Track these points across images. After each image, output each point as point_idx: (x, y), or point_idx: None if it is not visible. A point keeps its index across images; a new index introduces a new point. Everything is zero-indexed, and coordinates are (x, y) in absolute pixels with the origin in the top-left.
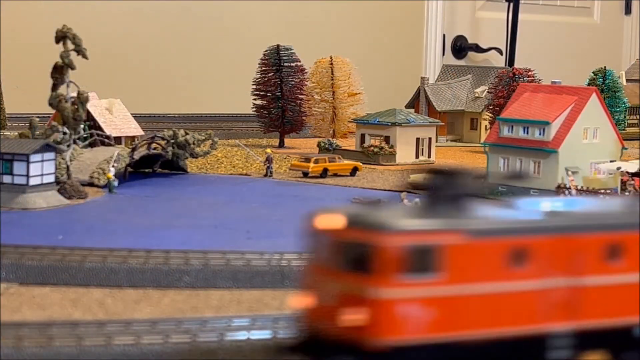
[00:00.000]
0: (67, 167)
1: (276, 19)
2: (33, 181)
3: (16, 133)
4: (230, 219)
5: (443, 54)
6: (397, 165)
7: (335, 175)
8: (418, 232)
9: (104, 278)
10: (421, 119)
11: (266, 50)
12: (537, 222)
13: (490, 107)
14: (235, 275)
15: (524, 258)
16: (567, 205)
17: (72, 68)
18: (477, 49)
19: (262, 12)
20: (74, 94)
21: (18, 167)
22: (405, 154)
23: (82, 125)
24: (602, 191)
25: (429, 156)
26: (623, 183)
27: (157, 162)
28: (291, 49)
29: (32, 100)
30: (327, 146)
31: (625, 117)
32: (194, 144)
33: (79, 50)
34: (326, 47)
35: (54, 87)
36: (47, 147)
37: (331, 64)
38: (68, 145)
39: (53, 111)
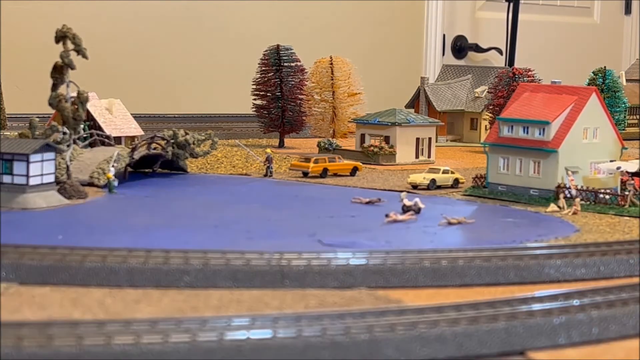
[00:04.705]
0: (67, 167)
1: (276, 19)
2: (33, 181)
3: (16, 133)
4: (230, 219)
5: (443, 54)
6: (397, 165)
7: (335, 175)
8: None
9: (104, 278)
10: (421, 119)
11: (266, 50)
12: None
13: (490, 107)
14: (235, 275)
15: None
16: None
17: (72, 68)
18: (477, 49)
19: (262, 12)
20: (74, 94)
21: (18, 167)
22: (405, 154)
23: (82, 125)
24: (602, 191)
25: (429, 156)
26: (623, 183)
27: (157, 162)
28: (291, 49)
29: (32, 100)
30: (327, 146)
31: (625, 117)
32: (194, 144)
33: (79, 50)
34: (326, 47)
35: (54, 87)
36: (47, 147)
37: (331, 64)
38: (68, 145)
39: (53, 111)
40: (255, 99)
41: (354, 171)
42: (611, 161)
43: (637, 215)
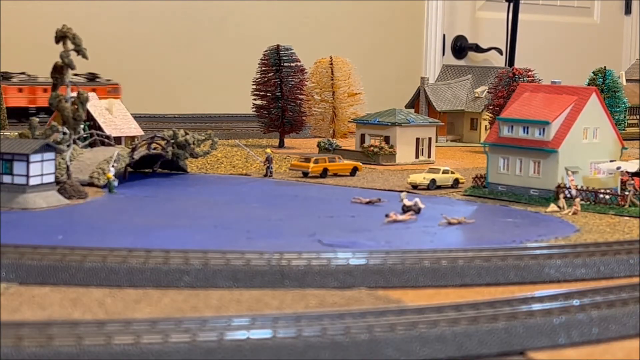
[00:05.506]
0: (67, 167)
1: (276, 19)
2: (33, 181)
3: (16, 133)
4: (230, 219)
5: (443, 54)
6: (397, 165)
7: (335, 175)
8: None
9: (104, 278)
10: (421, 119)
11: (266, 50)
12: None
13: (490, 107)
14: (235, 275)
15: None
16: None
17: (72, 68)
18: (477, 49)
19: (262, 12)
20: (74, 94)
21: (18, 167)
22: (405, 154)
23: (82, 125)
24: (602, 191)
25: (429, 156)
26: (623, 183)
27: (157, 162)
28: (291, 49)
29: None
30: (327, 146)
31: (625, 117)
32: (194, 144)
33: (79, 50)
34: (326, 47)
35: (54, 87)
36: (47, 147)
37: (331, 64)
38: (68, 145)
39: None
40: (255, 99)
41: (354, 171)
42: (611, 161)
43: (637, 215)
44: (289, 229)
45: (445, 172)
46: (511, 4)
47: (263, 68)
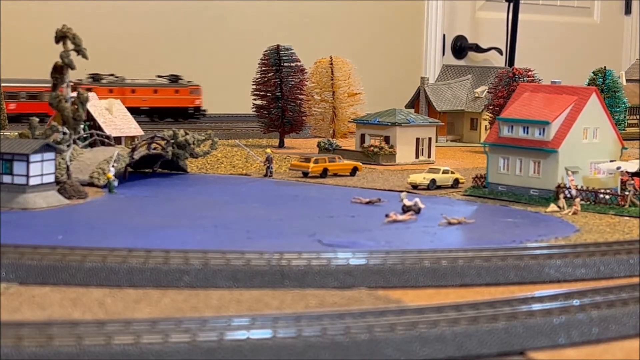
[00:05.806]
0: (67, 167)
1: (276, 19)
2: (33, 181)
3: (16, 133)
4: (230, 219)
5: (443, 54)
6: (397, 165)
7: (335, 175)
8: None
9: (104, 278)
10: (421, 119)
11: (266, 50)
12: None
13: (490, 107)
14: (235, 275)
15: None
16: None
17: (72, 68)
18: (477, 49)
19: (262, 12)
20: (74, 94)
21: (18, 167)
22: (405, 154)
23: (82, 125)
24: (602, 191)
25: (429, 156)
26: (623, 183)
27: (157, 162)
28: (291, 49)
29: None
30: (327, 146)
31: (625, 117)
32: (194, 144)
33: (79, 50)
34: (326, 47)
35: (54, 87)
36: (47, 147)
37: (331, 64)
38: (68, 145)
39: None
40: (255, 99)
41: (354, 171)
42: (611, 161)
43: (637, 215)
44: (289, 229)
45: (445, 172)
46: (511, 4)
47: (263, 68)
